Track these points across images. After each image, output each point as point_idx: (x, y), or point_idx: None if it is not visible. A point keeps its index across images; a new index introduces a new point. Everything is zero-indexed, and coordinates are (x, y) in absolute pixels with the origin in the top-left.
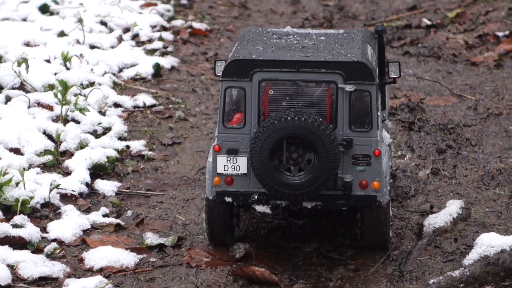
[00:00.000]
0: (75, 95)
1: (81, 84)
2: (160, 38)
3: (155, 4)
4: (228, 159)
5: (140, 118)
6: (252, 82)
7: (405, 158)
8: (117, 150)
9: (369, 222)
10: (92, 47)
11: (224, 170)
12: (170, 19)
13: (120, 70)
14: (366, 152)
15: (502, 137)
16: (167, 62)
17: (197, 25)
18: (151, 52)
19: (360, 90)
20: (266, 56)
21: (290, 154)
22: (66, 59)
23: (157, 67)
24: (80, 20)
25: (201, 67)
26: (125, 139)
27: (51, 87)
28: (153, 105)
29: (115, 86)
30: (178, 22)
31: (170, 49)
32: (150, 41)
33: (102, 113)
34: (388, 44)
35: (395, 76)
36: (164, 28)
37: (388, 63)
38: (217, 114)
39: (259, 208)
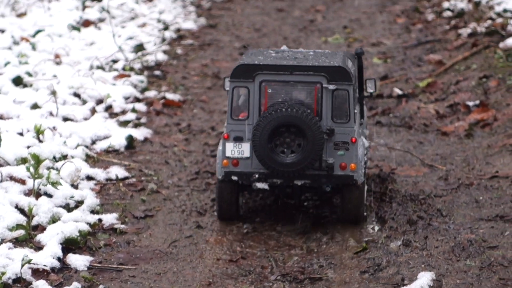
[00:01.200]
0: (48, 168)
1: (54, 157)
2: (133, 110)
3: (129, 76)
4: (235, 145)
5: (113, 190)
6: (254, 82)
7: (376, 230)
8: (89, 223)
9: (347, 199)
10: (65, 119)
11: (231, 154)
12: (143, 90)
13: (93, 142)
14: (345, 140)
15: (473, 207)
16: (140, 133)
17: (170, 96)
18: (124, 123)
19: (340, 89)
20: (266, 62)
21: (284, 139)
22: (39, 132)
23: (130, 139)
24: (54, 92)
25: (174, 138)
26: (97, 213)
27: (23, 160)
28: (126, 178)
29: (88, 158)
30: (151, 93)
31: (143, 120)
32: (123, 112)
33: (75, 186)
34: None
35: (372, 91)
36: (137, 99)
37: (366, 80)
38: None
39: (259, 185)
